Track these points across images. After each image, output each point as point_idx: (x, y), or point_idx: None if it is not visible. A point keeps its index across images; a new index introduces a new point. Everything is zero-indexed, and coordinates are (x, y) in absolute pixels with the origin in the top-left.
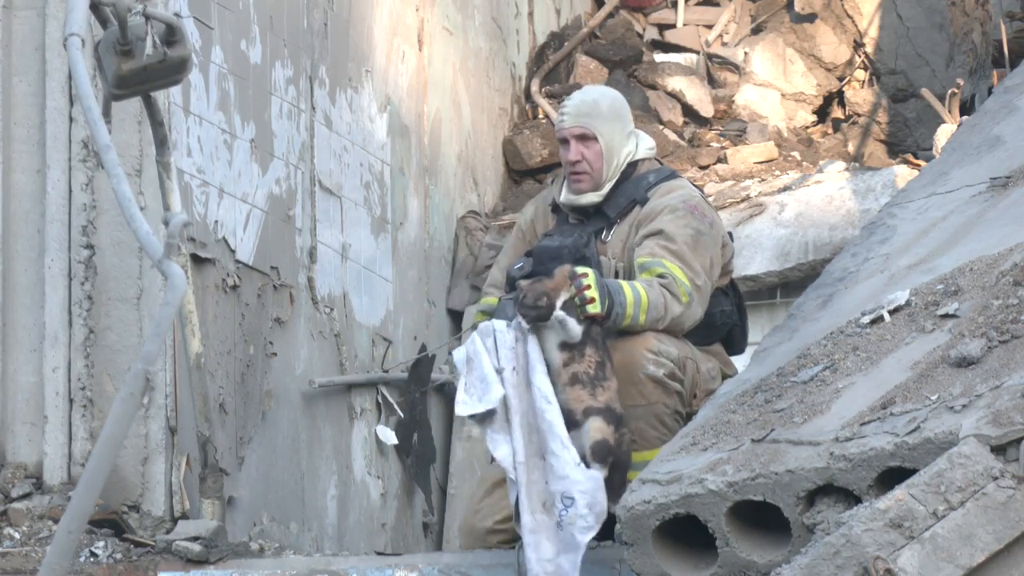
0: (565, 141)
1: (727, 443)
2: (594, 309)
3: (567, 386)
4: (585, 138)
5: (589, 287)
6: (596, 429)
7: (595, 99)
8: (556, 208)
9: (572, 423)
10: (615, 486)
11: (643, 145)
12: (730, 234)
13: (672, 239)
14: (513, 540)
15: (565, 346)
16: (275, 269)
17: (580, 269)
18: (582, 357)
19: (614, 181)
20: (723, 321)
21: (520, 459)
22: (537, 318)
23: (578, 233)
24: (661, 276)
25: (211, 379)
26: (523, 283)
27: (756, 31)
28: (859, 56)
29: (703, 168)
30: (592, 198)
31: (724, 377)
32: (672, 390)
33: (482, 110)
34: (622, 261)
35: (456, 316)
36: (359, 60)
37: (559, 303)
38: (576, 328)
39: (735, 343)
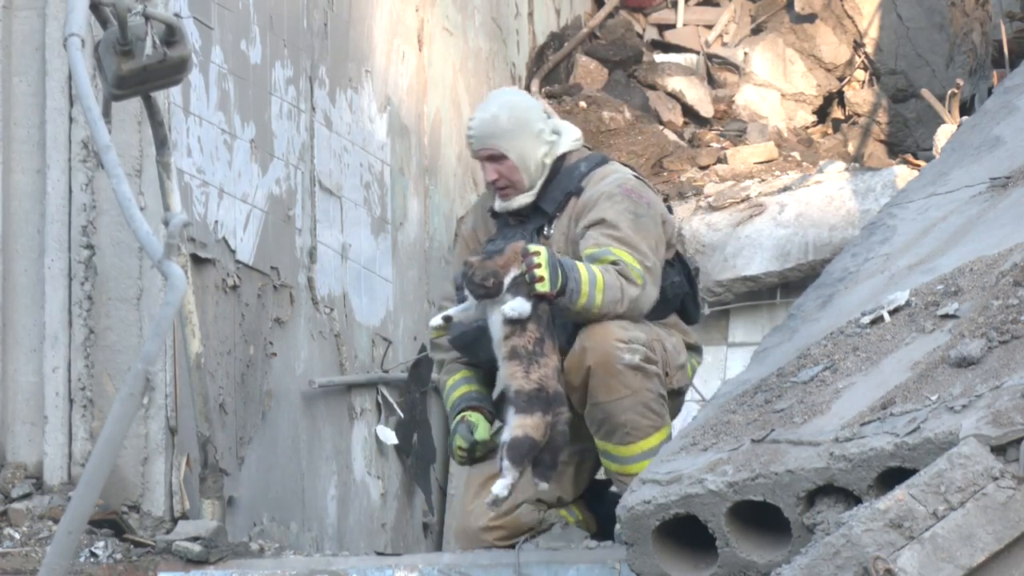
0: (480, 160)
1: (727, 443)
2: (543, 288)
3: (505, 360)
4: (494, 158)
5: (539, 265)
6: (517, 425)
7: (493, 115)
8: (495, 214)
9: (507, 398)
10: (545, 465)
11: (567, 137)
12: (669, 208)
13: (615, 226)
14: (510, 536)
15: (510, 319)
16: (275, 269)
17: (533, 247)
18: (523, 332)
19: (544, 178)
20: (674, 293)
21: None
22: (485, 296)
23: (520, 233)
24: (613, 263)
25: (211, 379)
26: (473, 259)
27: (756, 31)
28: (859, 56)
29: (703, 168)
30: (524, 200)
31: (688, 348)
32: (652, 373)
33: None
34: (567, 254)
35: None
36: (359, 60)
37: (507, 280)
38: (524, 306)
39: (688, 313)
